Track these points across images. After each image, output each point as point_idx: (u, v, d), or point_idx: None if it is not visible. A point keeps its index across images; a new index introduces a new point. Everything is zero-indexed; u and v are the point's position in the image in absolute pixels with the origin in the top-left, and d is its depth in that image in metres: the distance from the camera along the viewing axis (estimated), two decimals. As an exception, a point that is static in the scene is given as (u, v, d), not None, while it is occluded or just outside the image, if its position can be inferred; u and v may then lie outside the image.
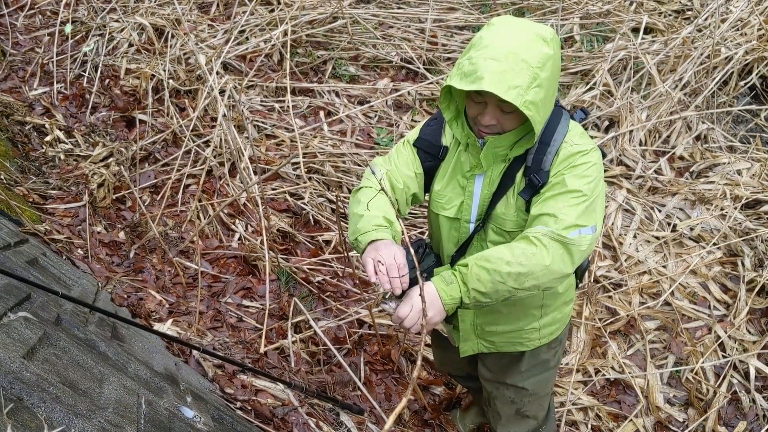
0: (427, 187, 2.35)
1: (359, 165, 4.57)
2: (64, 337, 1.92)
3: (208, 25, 5.75)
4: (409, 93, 5.26)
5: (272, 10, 5.75)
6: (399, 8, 6.02)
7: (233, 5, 5.84)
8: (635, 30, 5.71)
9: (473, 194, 2.20)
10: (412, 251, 1.80)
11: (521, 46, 1.88)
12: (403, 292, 1.97)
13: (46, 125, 4.59)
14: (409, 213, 4.27)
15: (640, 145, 4.97)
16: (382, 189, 2.08)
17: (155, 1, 5.83)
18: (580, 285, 2.58)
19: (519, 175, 2.12)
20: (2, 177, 3.74)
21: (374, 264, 1.95)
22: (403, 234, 1.90)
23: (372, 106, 5.19)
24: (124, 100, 5.02)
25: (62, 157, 4.38)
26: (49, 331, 1.86)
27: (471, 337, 2.51)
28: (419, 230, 4.22)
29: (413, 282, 1.99)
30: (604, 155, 2.20)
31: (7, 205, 3.36)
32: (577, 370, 3.72)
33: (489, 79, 1.84)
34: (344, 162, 4.59)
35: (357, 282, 3.81)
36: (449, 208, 2.26)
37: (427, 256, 2.36)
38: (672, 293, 4.06)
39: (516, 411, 2.69)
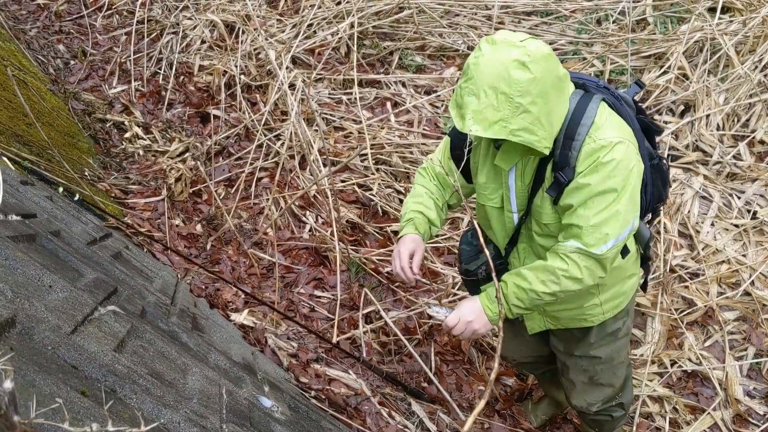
0: (466, 177, 2.51)
1: (426, 155, 4.57)
2: (149, 329, 2.02)
3: (277, 19, 5.84)
4: (476, 81, 5.21)
5: (339, 3, 5.80)
6: (465, -5, 5.98)
7: (301, -1, 5.93)
8: (711, 10, 5.48)
9: (509, 186, 2.27)
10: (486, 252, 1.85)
11: (499, 78, 1.93)
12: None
13: (125, 122, 4.79)
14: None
15: (718, 129, 4.79)
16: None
17: (225, -2, 5.98)
18: (649, 264, 2.60)
19: (548, 170, 2.16)
20: (87, 173, 3.91)
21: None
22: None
23: (439, 95, 5.18)
24: (198, 96, 5.17)
25: (141, 152, 4.56)
26: (135, 324, 1.95)
27: (535, 316, 2.59)
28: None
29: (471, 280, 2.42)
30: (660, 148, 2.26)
31: (91, 200, 3.52)
32: (653, 362, 3.65)
33: (471, 118, 1.97)
34: (411, 153, 4.61)
35: (426, 273, 3.83)
36: (493, 198, 2.35)
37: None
38: (752, 283, 3.92)
39: (589, 379, 2.70)
